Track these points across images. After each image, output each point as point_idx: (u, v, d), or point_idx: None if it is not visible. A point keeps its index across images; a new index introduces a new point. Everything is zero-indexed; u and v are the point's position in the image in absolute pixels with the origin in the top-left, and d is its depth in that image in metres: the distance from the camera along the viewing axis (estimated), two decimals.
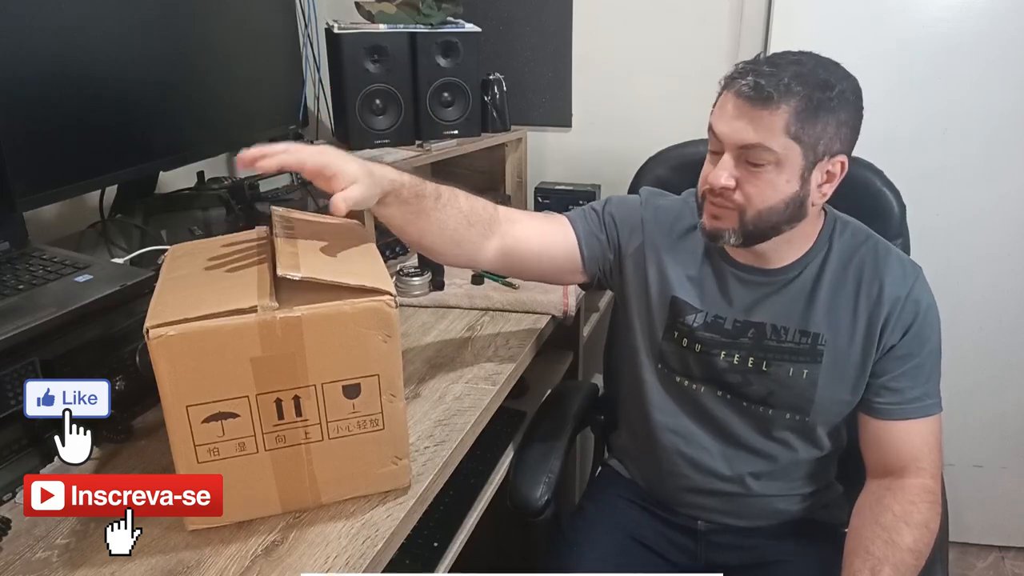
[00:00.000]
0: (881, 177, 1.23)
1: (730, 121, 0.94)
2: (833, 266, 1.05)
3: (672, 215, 1.15)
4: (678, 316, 1.12)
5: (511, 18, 1.93)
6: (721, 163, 0.96)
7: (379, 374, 0.81)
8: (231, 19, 1.45)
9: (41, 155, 1.07)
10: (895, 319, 1.02)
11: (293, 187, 1.50)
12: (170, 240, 1.23)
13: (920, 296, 1.04)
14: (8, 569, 0.77)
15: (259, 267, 0.85)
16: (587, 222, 1.16)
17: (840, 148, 0.96)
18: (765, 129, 0.92)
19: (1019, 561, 2.00)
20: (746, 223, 0.98)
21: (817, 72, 0.93)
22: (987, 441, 1.92)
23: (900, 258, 1.06)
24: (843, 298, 1.04)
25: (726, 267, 1.10)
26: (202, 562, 0.78)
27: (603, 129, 1.93)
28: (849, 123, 0.95)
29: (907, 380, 1.04)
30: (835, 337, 1.04)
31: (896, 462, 1.04)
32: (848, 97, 0.95)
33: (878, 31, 1.67)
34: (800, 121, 0.91)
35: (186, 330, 0.73)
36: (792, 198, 0.96)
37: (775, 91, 0.90)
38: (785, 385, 1.07)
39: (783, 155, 0.93)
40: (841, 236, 1.06)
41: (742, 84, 0.93)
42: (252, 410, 0.78)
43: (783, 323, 1.06)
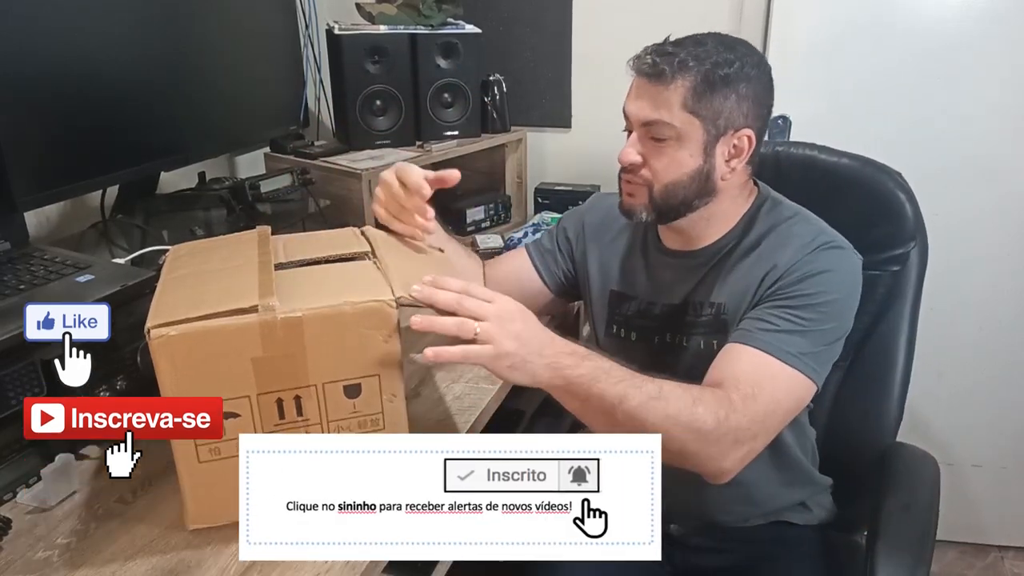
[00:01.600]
0: (894, 179, 1.20)
1: (634, 100, 0.99)
2: (749, 241, 1.05)
3: (614, 212, 1.16)
4: (616, 308, 1.15)
5: (511, 18, 1.93)
6: (628, 141, 1.01)
7: (380, 374, 0.81)
8: (231, 20, 1.45)
9: (42, 155, 1.08)
10: (780, 282, 0.98)
11: (293, 187, 1.50)
12: (171, 240, 1.23)
13: (814, 262, 0.97)
14: (8, 569, 0.77)
15: (260, 267, 0.85)
16: (540, 242, 1.25)
17: (744, 122, 0.98)
18: (663, 105, 0.96)
19: (1019, 561, 2.00)
20: (655, 198, 1.01)
21: (717, 49, 0.96)
22: (987, 441, 1.92)
23: (815, 232, 1.01)
24: (745, 268, 1.03)
25: (658, 255, 1.12)
26: (202, 562, 0.78)
27: (603, 129, 1.92)
28: (752, 97, 0.97)
29: (772, 316, 0.96)
30: (736, 307, 1.03)
31: (716, 377, 0.93)
32: (749, 72, 0.97)
33: (878, 31, 1.67)
34: (696, 96, 0.95)
35: (187, 330, 0.73)
36: (696, 172, 0.98)
37: (669, 68, 0.94)
38: (699, 358, 1.04)
39: (683, 130, 0.96)
40: (767, 215, 1.06)
41: (642, 64, 0.97)
42: (253, 410, 0.78)
43: (699, 299, 1.08)
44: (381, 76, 1.63)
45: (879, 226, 1.18)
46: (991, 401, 1.88)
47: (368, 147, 1.67)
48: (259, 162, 1.74)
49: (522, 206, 1.98)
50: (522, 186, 1.96)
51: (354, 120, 1.64)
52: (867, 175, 1.21)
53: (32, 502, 0.86)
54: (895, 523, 1.03)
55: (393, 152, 1.66)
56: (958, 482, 1.93)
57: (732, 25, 1.75)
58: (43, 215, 1.31)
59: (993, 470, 1.95)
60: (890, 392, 1.21)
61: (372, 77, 1.63)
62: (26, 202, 1.07)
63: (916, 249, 1.19)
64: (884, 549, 0.99)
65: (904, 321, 1.20)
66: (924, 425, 1.88)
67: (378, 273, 0.86)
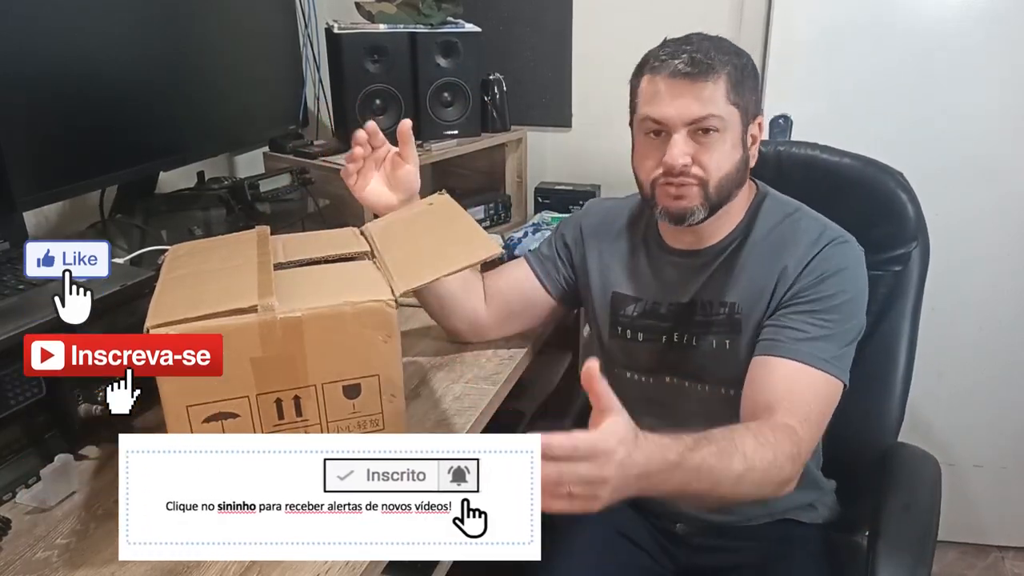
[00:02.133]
0: (895, 178, 1.21)
1: (672, 101, 0.97)
2: (755, 237, 1.06)
3: (612, 215, 1.19)
4: (618, 310, 1.15)
5: (511, 18, 1.92)
6: (673, 143, 0.98)
7: (379, 374, 0.81)
8: (231, 19, 1.45)
9: (41, 155, 1.08)
10: (791, 279, 1.00)
11: (293, 187, 1.50)
12: (170, 240, 1.22)
13: (829, 259, 1.00)
14: (8, 569, 0.77)
15: (259, 267, 0.85)
16: (539, 250, 1.25)
17: (757, 109, 1.04)
18: (709, 100, 0.96)
19: (1019, 561, 2.00)
20: (710, 195, 1.00)
21: (722, 44, 1.00)
22: (987, 441, 1.92)
23: (820, 227, 1.04)
24: (757, 267, 1.04)
25: (662, 255, 1.12)
26: (202, 562, 0.78)
27: (603, 129, 1.93)
28: (757, 87, 1.05)
29: (799, 322, 0.98)
30: (751, 307, 1.04)
31: (766, 400, 0.93)
32: (752, 65, 1.03)
33: (878, 31, 1.67)
34: (735, 87, 0.98)
35: (186, 330, 0.73)
36: (740, 162, 1.01)
37: (712, 63, 0.96)
38: (712, 357, 1.07)
39: (728, 121, 0.98)
40: (769, 209, 1.08)
41: (676, 64, 0.97)
42: (252, 410, 0.78)
43: (708, 298, 1.08)
44: (381, 75, 1.63)
45: (881, 226, 1.18)
46: (992, 401, 1.88)
47: None
48: (258, 162, 1.74)
49: (522, 206, 1.97)
50: (522, 186, 1.96)
51: (353, 119, 1.64)
52: (869, 175, 1.21)
53: (32, 502, 0.86)
54: (896, 523, 1.03)
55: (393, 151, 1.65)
56: (959, 482, 1.93)
57: (732, 25, 1.75)
58: (42, 215, 1.31)
59: (994, 470, 1.95)
60: (891, 392, 1.21)
61: (372, 76, 1.62)
62: (25, 202, 1.06)
63: (918, 249, 1.19)
64: (885, 549, 0.99)
65: (905, 321, 1.20)
66: (925, 425, 1.88)
67: (378, 273, 0.86)
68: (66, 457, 0.89)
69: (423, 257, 0.89)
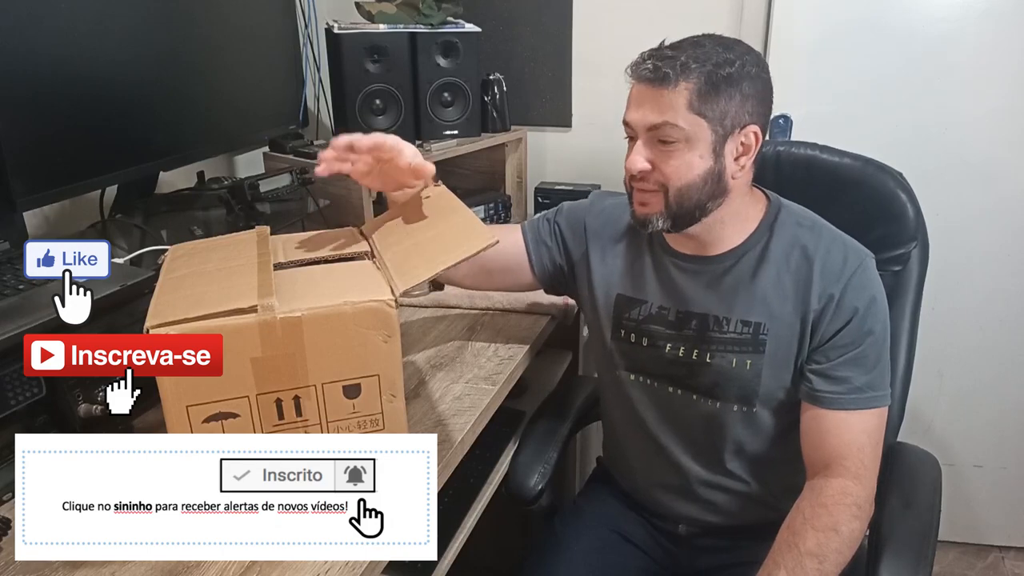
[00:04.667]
0: (895, 179, 1.20)
1: (637, 107, 0.98)
2: (774, 253, 1.04)
3: (616, 213, 1.17)
4: (623, 312, 1.13)
5: (511, 18, 1.93)
6: (635, 148, 0.99)
7: (379, 374, 0.81)
8: (231, 19, 1.44)
9: (41, 155, 1.07)
10: (830, 316, 1.00)
11: (293, 187, 1.50)
12: (170, 240, 1.22)
13: (860, 290, 1.00)
14: (8, 569, 0.77)
15: (259, 267, 0.85)
16: (538, 230, 1.22)
17: (750, 119, 0.98)
18: (668, 107, 0.95)
19: (1019, 561, 2.00)
20: (670, 204, 0.99)
21: (716, 50, 0.96)
22: (987, 441, 1.92)
23: (843, 248, 1.03)
24: (783, 286, 1.03)
25: (667, 258, 1.10)
26: (202, 562, 0.78)
27: (603, 129, 1.93)
28: (755, 95, 0.97)
29: (846, 369, 1.00)
30: (776, 326, 1.03)
31: (821, 457, 1.00)
32: (750, 70, 0.96)
33: (878, 31, 1.67)
34: (701, 97, 0.94)
35: (186, 330, 0.73)
36: (708, 173, 0.97)
37: (672, 71, 0.93)
38: (729, 376, 1.06)
39: (690, 131, 0.95)
40: (784, 223, 1.06)
41: (642, 69, 0.96)
42: (252, 410, 0.78)
43: (724, 313, 1.06)
44: (381, 75, 1.63)
45: (880, 226, 1.18)
46: (992, 401, 1.88)
47: None
48: (258, 162, 1.74)
49: (522, 206, 1.97)
50: (522, 186, 1.96)
51: (353, 119, 1.64)
52: (868, 175, 1.21)
53: None
54: (897, 523, 1.03)
55: None
56: (959, 482, 1.93)
57: (732, 25, 1.75)
58: (42, 215, 1.31)
59: (994, 470, 1.95)
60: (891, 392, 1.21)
61: (371, 76, 1.62)
62: (25, 202, 1.06)
63: (917, 249, 1.19)
64: (886, 549, 0.99)
65: (905, 321, 1.20)
66: (925, 425, 1.88)
67: (378, 273, 0.86)
68: None
69: (421, 253, 0.89)
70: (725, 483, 1.13)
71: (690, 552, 1.18)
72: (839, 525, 0.94)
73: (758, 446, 1.10)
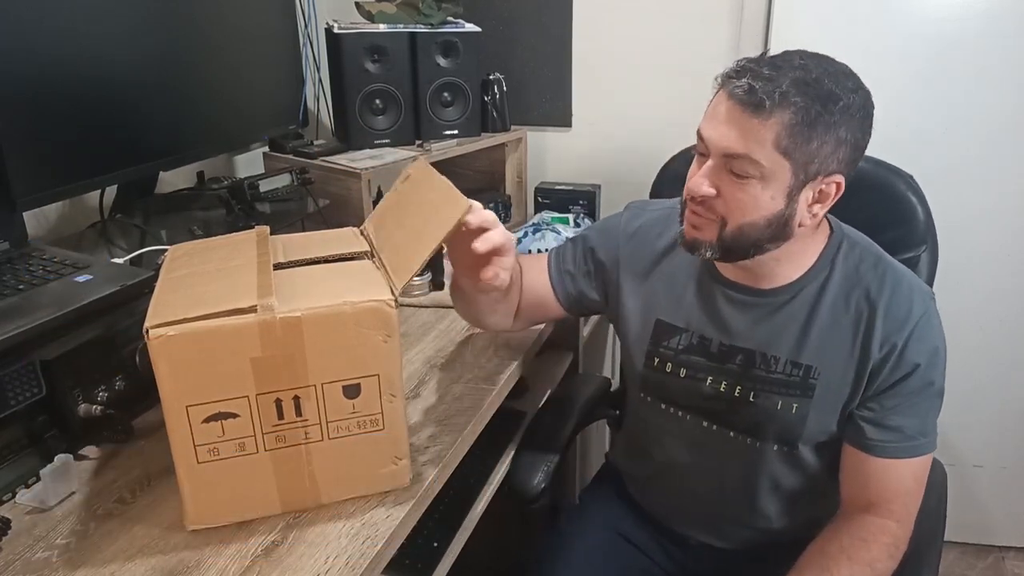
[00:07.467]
0: (905, 181, 1.18)
1: (718, 125, 0.87)
2: (833, 292, 0.97)
3: (655, 231, 1.09)
4: (661, 340, 1.07)
5: (511, 18, 1.93)
6: (703, 169, 0.89)
7: (379, 374, 0.81)
8: (231, 19, 1.44)
9: (41, 155, 1.08)
10: (890, 367, 0.94)
11: (293, 187, 1.50)
12: (170, 240, 1.22)
13: (924, 341, 0.94)
14: (8, 569, 0.77)
15: (259, 267, 0.85)
16: (562, 258, 1.15)
17: (837, 168, 0.87)
18: (753, 140, 0.84)
19: (1019, 561, 2.00)
20: (724, 237, 0.91)
21: (822, 82, 0.83)
22: (987, 441, 1.92)
23: (908, 292, 0.96)
24: (840, 329, 0.96)
25: (715, 285, 1.03)
26: (202, 562, 0.78)
27: (603, 129, 1.93)
28: (851, 141, 0.86)
29: (900, 418, 0.96)
30: (828, 371, 0.97)
31: (865, 497, 0.97)
32: (854, 113, 0.85)
33: (879, 31, 1.67)
34: (792, 136, 0.83)
35: (186, 330, 0.73)
36: (775, 217, 0.88)
37: (768, 98, 0.82)
38: (773, 418, 1.00)
39: (770, 170, 0.85)
40: (846, 259, 0.98)
41: (736, 85, 0.85)
42: (252, 410, 0.78)
43: (774, 352, 0.99)
44: (381, 75, 1.63)
45: (890, 230, 1.16)
46: (992, 401, 1.88)
47: (367, 146, 1.67)
48: (258, 162, 1.74)
49: (522, 206, 1.97)
50: (522, 185, 1.96)
51: (353, 119, 1.64)
52: (879, 177, 1.19)
53: (31, 502, 0.86)
54: None
55: (392, 151, 1.65)
56: (959, 482, 1.93)
57: (732, 25, 1.75)
58: (42, 215, 1.31)
59: (994, 470, 1.95)
60: None
61: (371, 76, 1.62)
62: (25, 202, 1.06)
63: (926, 253, 1.18)
64: None
65: None
66: None
67: (377, 273, 0.86)
68: (66, 457, 0.89)
69: (411, 243, 0.86)
70: (749, 518, 1.10)
71: (696, 559, 1.18)
72: (875, 563, 0.93)
73: (793, 483, 1.06)
